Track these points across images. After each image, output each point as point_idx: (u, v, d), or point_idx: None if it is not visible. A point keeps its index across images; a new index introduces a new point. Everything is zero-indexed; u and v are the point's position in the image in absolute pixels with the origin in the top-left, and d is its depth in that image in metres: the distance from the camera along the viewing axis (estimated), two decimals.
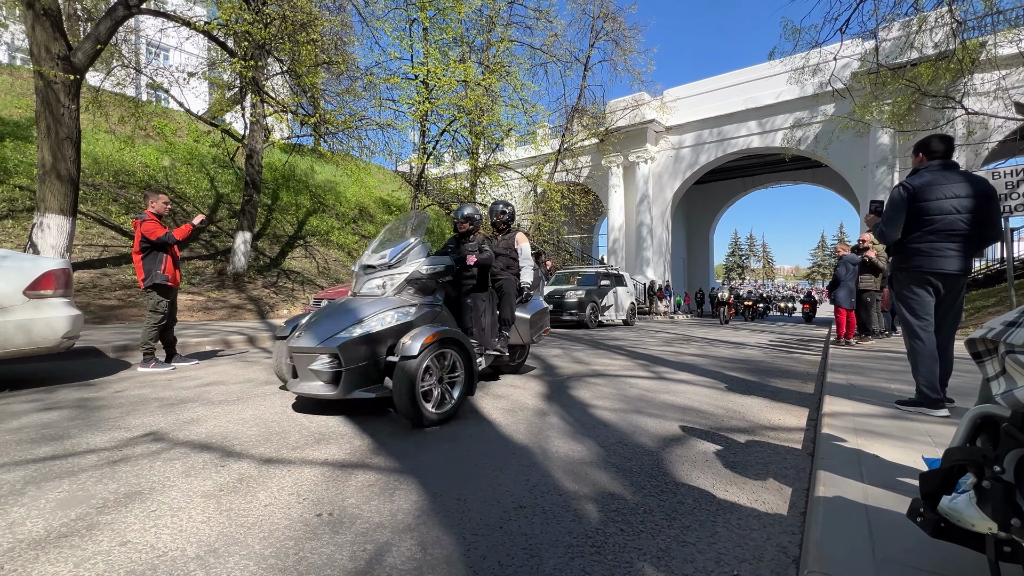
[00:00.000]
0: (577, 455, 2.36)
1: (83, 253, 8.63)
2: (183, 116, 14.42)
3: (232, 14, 8.26)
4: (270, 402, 3.29)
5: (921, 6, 7.40)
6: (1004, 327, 1.03)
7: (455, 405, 2.95)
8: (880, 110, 12.17)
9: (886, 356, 5.63)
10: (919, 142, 3.00)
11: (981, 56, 9.52)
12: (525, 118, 14.74)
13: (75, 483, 1.89)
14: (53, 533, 1.51)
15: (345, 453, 2.31)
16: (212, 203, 12.27)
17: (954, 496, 1.08)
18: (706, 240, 28.10)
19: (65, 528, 1.55)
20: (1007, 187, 6.34)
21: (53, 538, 1.48)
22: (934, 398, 2.78)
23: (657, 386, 4.16)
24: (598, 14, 17.02)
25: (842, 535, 1.40)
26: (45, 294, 3.55)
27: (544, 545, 1.51)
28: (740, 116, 19.25)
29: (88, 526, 1.56)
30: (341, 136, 11.05)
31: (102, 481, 1.92)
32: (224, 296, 9.16)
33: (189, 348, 5.60)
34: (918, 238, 2.84)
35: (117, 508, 1.69)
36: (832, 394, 3.35)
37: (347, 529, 1.59)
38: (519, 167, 18.72)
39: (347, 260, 13.27)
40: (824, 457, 2.06)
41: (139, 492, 1.83)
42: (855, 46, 10.57)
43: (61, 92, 6.29)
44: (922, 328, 2.84)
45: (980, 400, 1.18)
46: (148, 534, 1.52)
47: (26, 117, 11.27)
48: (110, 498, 1.77)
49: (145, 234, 4.33)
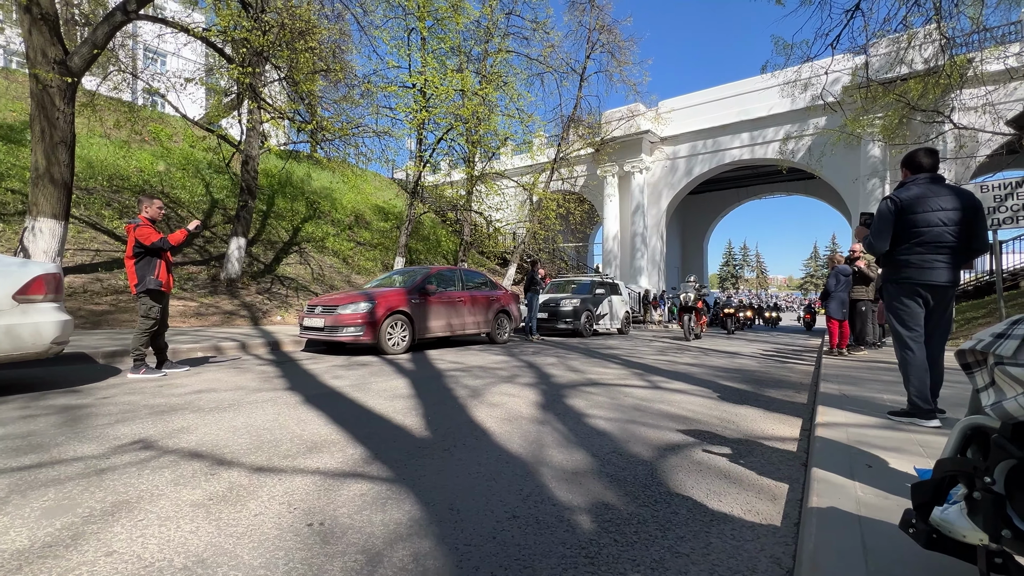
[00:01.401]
0: (571, 464, 2.35)
1: (75, 257, 8.55)
2: (179, 121, 14.41)
3: (230, 21, 8.30)
4: (262, 410, 3.26)
5: (910, 23, 7.55)
6: (993, 339, 1.04)
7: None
8: (871, 124, 12.36)
9: (878, 367, 5.66)
10: (906, 156, 3.05)
11: (969, 72, 9.71)
12: (521, 127, 14.87)
13: (61, 492, 1.86)
14: (37, 543, 1.48)
15: (338, 462, 2.29)
16: (207, 208, 12.22)
17: (946, 507, 1.09)
18: (700, 250, 28.30)
19: (50, 538, 1.52)
20: (995, 200, 6.45)
21: (37, 548, 1.45)
22: (925, 409, 2.80)
23: (652, 395, 4.16)
24: (594, 26, 17.22)
25: (835, 546, 1.40)
26: (35, 299, 3.51)
27: (537, 556, 1.50)
28: (733, 128, 19.51)
29: (73, 536, 1.53)
30: (338, 143, 11.08)
31: (88, 490, 1.89)
32: (217, 302, 9.09)
33: (181, 354, 5.55)
34: (907, 250, 2.88)
35: (103, 517, 1.66)
36: (825, 404, 3.36)
37: (338, 539, 1.57)
38: (515, 175, 18.81)
39: (342, 267, 13.23)
40: (817, 467, 2.07)
41: (126, 501, 1.80)
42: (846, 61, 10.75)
43: (56, 96, 6.27)
44: (912, 339, 2.87)
45: (970, 411, 1.19)
46: (135, 544, 1.49)
47: (20, 120, 11.21)
48: (96, 507, 1.74)
49: (139, 239, 4.30)
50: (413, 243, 16.39)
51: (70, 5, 9.89)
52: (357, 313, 6.34)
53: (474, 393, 4.00)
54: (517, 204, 19.40)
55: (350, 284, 12.25)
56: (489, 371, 5.26)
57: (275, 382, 4.29)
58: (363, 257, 14.29)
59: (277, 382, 4.29)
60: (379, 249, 15.11)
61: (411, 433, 2.80)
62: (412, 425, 2.97)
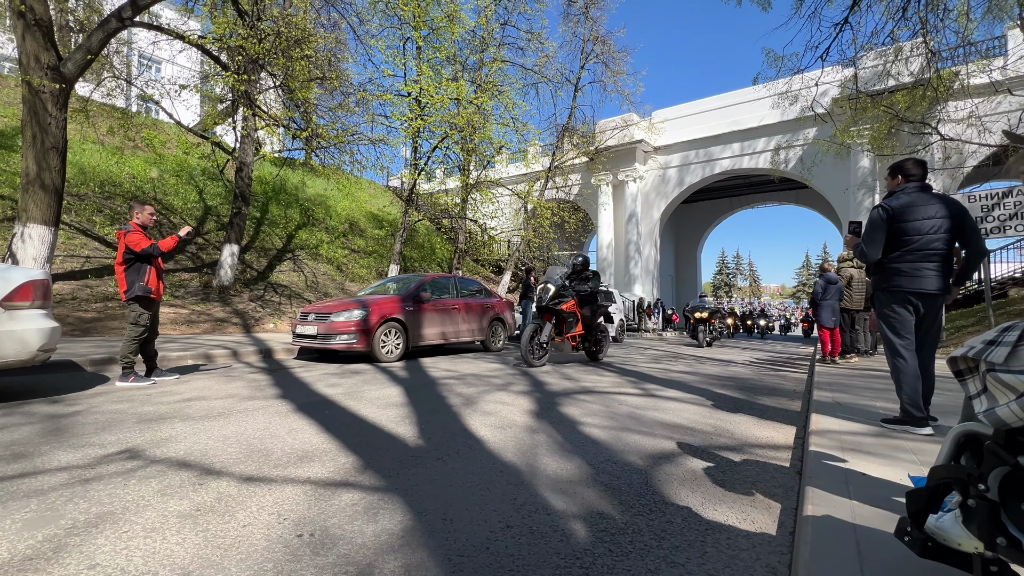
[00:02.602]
0: (565, 473, 2.33)
1: (65, 264, 8.45)
2: (173, 128, 14.36)
3: (226, 29, 8.31)
4: (253, 418, 3.21)
5: (897, 36, 7.70)
6: (984, 346, 1.05)
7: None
8: (860, 135, 12.55)
9: (871, 374, 5.69)
10: (895, 164, 3.09)
11: (955, 85, 9.91)
12: (516, 136, 14.93)
13: (43, 502, 1.82)
14: (17, 556, 1.44)
15: (329, 471, 2.25)
16: (200, 215, 12.15)
17: (940, 515, 1.09)
18: (694, 258, 28.46)
19: (30, 550, 1.48)
20: (982, 210, 6.56)
21: (17, 561, 1.41)
22: (918, 416, 2.81)
23: (646, 403, 4.15)
24: (588, 37, 17.41)
25: (830, 554, 1.40)
26: (21, 305, 3.45)
27: (531, 566, 1.48)
28: (726, 138, 19.73)
29: (55, 548, 1.49)
30: (333, 151, 11.08)
31: (72, 500, 1.84)
32: (209, 309, 9.00)
33: (170, 362, 5.48)
34: (898, 258, 2.91)
35: (87, 529, 1.62)
36: (819, 412, 3.37)
37: (329, 551, 1.54)
38: (510, 184, 18.87)
39: (336, 274, 13.17)
40: (812, 475, 2.07)
41: (111, 512, 1.76)
42: (835, 73, 10.94)
43: (49, 101, 6.23)
44: (904, 347, 2.89)
45: (963, 418, 1.19)
46: (119, 556, 1.46)
47: (11, 126, 11.13)
48: (80, 518, 1.70)
49: (130, 245, 4.26)
50: (408, 251, 16.36)
51: (65, 11, 9.87)
52: (350, 321, 6.29)
53: (468, 401, 3.97)
54: (512, 212, 19.45)
55: (344, 291, 12.18)
56: (483, 379, 5.23)
57: (266, 390, 4.24)
58: (357, 264, 14.24)
59: (268, 390, 4.24)
60: (373, 256, 15.07)
61: (404, 442, 2.77)
62: (405, 433, 2.94)
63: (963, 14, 7.78)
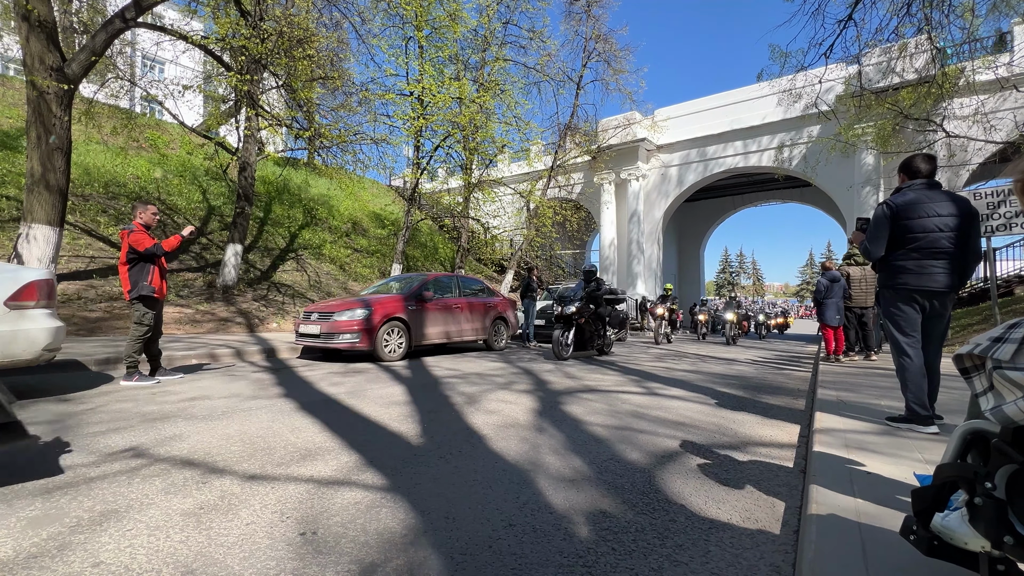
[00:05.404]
0: (568, 472, 2.33)
1: (69, 264, 8.49)
2: (176, 128, 14.41)
3: (229, 29, 8.33)
4: (256, 417, 3.22)
5: (902, 33, 7.64)
6: (990, 343, 1.04)
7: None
8: (865, 132, 12.47)
9: (875, 372, 5.66)
10: (903, 162, 3.06)
11: (960, 82, 9.83)
12: (519, 135, 14.92)
13: (48, 501, 1.83)
14: (22, 554, 1.45)
15: (332, 469, 2.26)
16: (203, 215, 12.19)
17: (946, 513, 1.08)
18: (697, 257, 28.34)
19: (35, 548, 1.48)
20: (988, 207, 6.50)
21: (22, 559, 1.42)
22: (923, 415, 2.79)
23: (649, 402, 4.14)
24: (590, 35, 17.35)
25: (835, 553, 1.39)
26: (27, 305, 3.47)
27: (534, 565, 1.48)
28: (729, 136, 19.63)
29: (60, 546, 1.50)
30: (336, 150, 11.08)
31: (77, 499, 1.85)
32: (212, 309, 9.03)
33: (174, 361, 5.50)
34: (903, 255, 2.88)
35: (91, 527, 1.63)
36: (823, 410, 3.35)
37: (331, 549, 1.54)
38: (512, 183, 18.85)
39: (339, 274, 13.19)
40: (816, 474, 2.05)
41: (115, 511, 1.76)
42: (839, 70, 10.88)
43: (53, 102, 6.26)
44: (909, 345, 2.87)
45: (969, 416, 1.18)
46: (123, 554, 1.46)
47: (15, 127, 11.19)
48: (84, 517, 1.70)
49: (133, 245, 4.28)
50: (410, 250, 16.38)
51: (68, 13, 9.91)
52: (353, 320, 6.30)
53: (471, 400, 3.97)
54: (514, 211, 19.42)
55: (347, 291, 12.20)
56: (486, 378, 5.23)
57: (270, 389, 4.25)
58: (360, 264, 14.26)
59: (272, 389, 4.26)
60: (376, 256, 15.08)
61: (407, 440, 2.77)
62: (408, 432, 2.94)
63: (968, 10, 7.72)
